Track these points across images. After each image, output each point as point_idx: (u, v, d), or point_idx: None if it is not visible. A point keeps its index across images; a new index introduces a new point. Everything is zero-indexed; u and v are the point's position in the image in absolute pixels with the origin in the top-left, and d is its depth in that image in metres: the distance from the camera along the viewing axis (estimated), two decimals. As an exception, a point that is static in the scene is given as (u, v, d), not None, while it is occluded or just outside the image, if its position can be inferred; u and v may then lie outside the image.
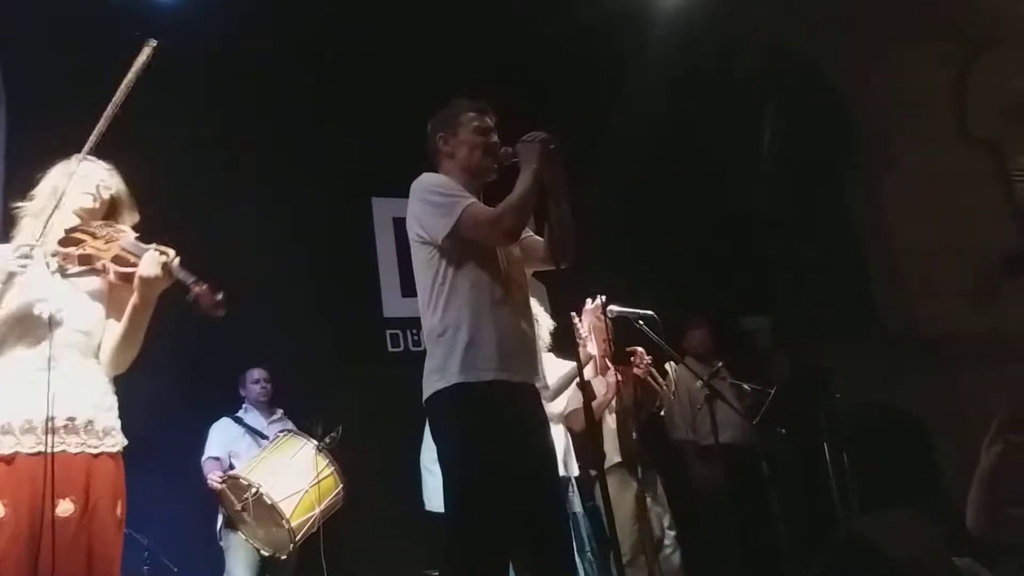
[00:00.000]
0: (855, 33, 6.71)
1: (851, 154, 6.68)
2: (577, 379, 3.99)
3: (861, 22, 6.68)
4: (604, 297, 4.10)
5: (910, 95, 6.84)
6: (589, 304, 4.13)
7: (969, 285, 6.33)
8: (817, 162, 6.52)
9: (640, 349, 4.40)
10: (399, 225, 4.83)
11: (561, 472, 3.90)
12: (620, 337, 4.38)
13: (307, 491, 4.03)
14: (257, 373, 4.75)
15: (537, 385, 2.62)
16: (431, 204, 2.59)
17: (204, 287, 2.24)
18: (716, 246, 5.82)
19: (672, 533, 4.62)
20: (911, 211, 6.44)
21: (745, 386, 5.01)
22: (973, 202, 6.62)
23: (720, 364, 5.08)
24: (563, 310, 3.79)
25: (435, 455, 2.60)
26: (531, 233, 2.80)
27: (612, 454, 4.57)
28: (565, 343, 3.96)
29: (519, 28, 5.59)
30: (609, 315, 4.16)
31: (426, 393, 2.55)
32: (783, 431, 4.86)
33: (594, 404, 4.34)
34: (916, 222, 6.41)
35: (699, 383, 4.71)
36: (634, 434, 4.54)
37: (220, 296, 2.24)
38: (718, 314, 5.48)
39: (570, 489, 4.19)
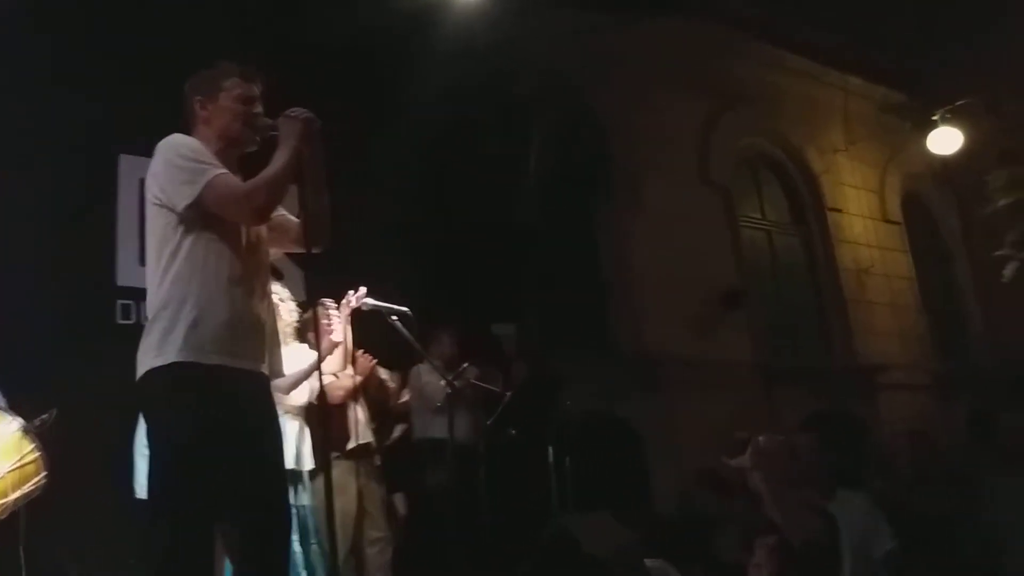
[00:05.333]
0: (625, 72, 7.23)
1: (606, 183, 7.17)
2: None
3: (631, 64, 7.21)
4: (365, 290, 4.08)
5: (662, 137, 7.48)
6: (352, 296, 4.09)
7: (693, 315, 7.01)
8: (575, 186, 6.95)
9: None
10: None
11: (291, 464, 3.84)
12: (372, 332, 4.36)
13: (3, 476, 3.61)
14: (-36, 336, 4.21)
15: (264, 371, 2.51)
16: (176, 168, 2.40)
17: None
18: (478, 253, 5.99)
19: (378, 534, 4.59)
20: (649, 242, 7.03)
21: (484, 387, 5.19)
22: (703, 240, 7.34)
23: (465, 365, 5.21)
24: (321, 296, 3.71)
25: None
26: (284, 212, 2.64)
27: (351, 441, 4.52)
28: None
29: (305, 11, 5.46)
30: (363, 308, 4.11)
31: (140, 370, 2.36)
32: (514, 433, 5.10)
33: (340, 390, 4.34)
34: (653, 252, 7.00)
35: (442, 382, 4.80)
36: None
37: None
38: (471, 318, 5.62)
39: (300, 482, 4.11)
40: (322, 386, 2.61)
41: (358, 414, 4.53)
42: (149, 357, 2.35)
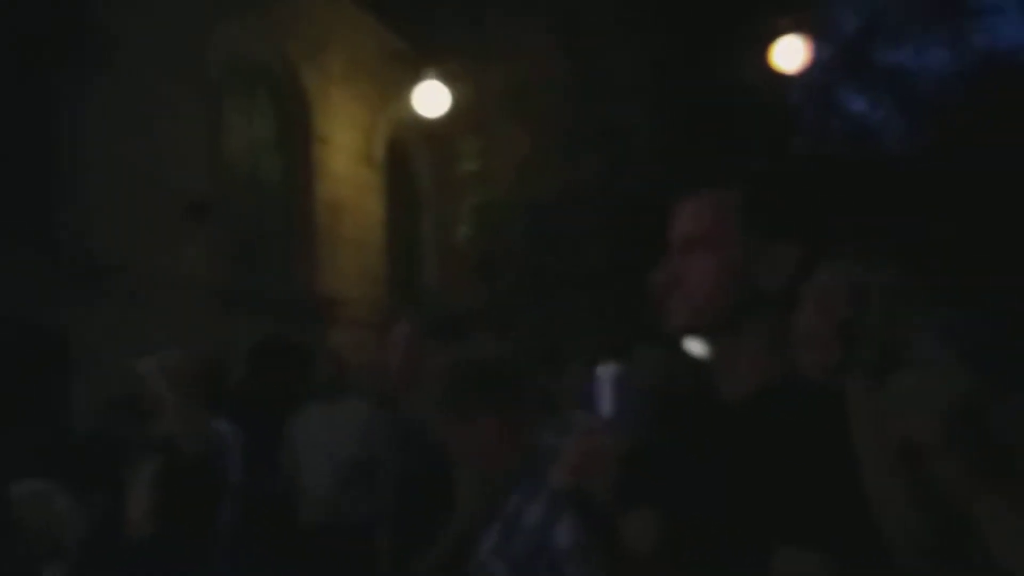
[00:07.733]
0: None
1: (75, 53, 6.13)
2: None
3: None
4: None
5: (156, 23, 6.66)
6: None
7: (152, 223, 6.41)
8: (31, 49, 5.79)
9: None
10: None
11: None
12: None
13: None
14: None
15: None
16: None
17: None
18: None
19: None
20: (115, 133, 6.23)
21: None
22: (178, 143, 6.76)
23: None
24: None
25: None
26: None
27: None
28: None
29: None
30: None
31: None
32: None
33: None
34: (117, 146, 6.23)
35: None
36: None
37: None
38: None
39: None
40: None
41: None
42: None
